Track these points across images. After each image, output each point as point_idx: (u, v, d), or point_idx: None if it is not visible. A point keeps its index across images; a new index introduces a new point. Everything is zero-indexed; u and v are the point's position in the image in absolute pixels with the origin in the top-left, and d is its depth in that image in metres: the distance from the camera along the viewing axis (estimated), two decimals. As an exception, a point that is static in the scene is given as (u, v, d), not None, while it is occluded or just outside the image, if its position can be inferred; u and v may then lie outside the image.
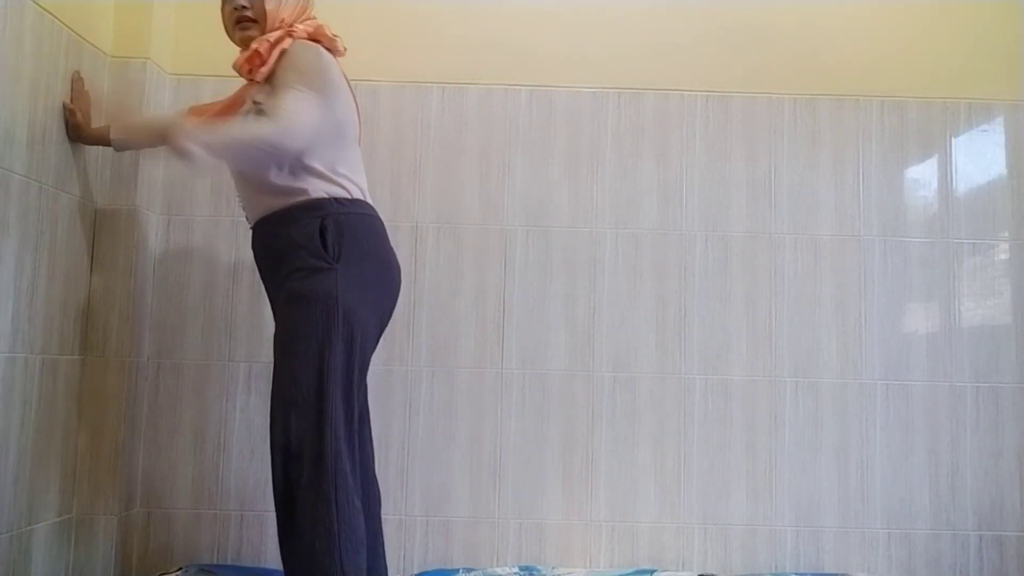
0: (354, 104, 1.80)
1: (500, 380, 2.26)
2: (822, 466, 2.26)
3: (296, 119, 1.62)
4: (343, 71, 1.79)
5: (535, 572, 2.14)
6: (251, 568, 2.17)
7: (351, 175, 1.74)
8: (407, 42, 1.90)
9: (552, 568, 2.17)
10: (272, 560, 2.19)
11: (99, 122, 2.04)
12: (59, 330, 1.97)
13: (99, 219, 2.11)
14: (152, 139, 1.90)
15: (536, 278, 2.29)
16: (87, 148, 2.06)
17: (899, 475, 2.26)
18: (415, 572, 2.18)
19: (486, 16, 2.35)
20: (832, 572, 2.22)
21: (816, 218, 2.32)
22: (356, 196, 1.73)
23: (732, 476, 2.25)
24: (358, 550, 1.59)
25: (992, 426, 2.27)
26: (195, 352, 2.24)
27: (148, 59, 2.17)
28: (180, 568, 2.11)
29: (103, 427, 2.06)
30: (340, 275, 1.62)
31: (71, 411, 2.03)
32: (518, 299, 2.28)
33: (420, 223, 2.27)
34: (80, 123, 1.96)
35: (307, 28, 1.75)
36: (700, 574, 2.19)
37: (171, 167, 2.26)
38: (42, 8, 1.87)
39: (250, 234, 1.82)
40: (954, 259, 2.32)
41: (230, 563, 2.19)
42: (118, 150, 2.03)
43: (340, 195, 1.70)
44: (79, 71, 1.99)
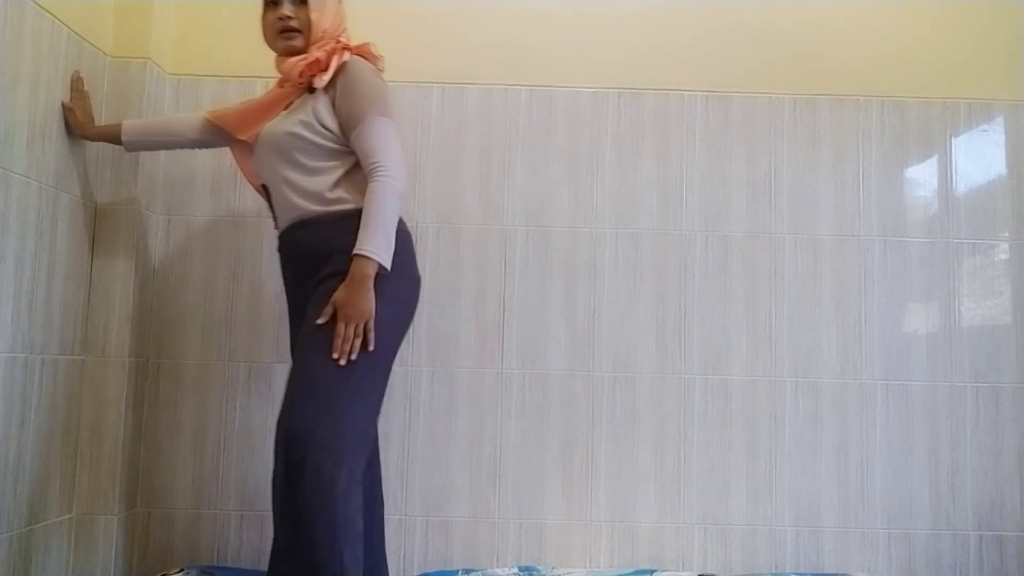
0: None
1: (500, 380, 2.26)
2: (822, 466, 2.26)
3: (397, 155, 1.72)
4: None
5: (535, 572, 2.14)
6: (251, 570, 2.17)
7: None
8: (407, 42, 1.90)
9: (552, 568, 2.17)
10: (272, 560, 2.20)
11: (100, 122, 2.04)
12: (59, 330, 1.97)
13: (99, 219, 2.11)
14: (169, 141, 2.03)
15: (536, 278, 2.29)
16: (87, 147, 2.06)
17: (899, 475, 2.26)
18: (416, 573, 2.18)
19: (486, 16, 2.35)
20: (832, 572, 2.22)
21: (816, 218, 2.32)
22: None
23: (732, 476, 2.25)
24: (356, 543, 1.61)
25: (992, 426, 2.27)
26: (195, 352, 2.24)
27: (148, 59, 2.17)
28: (182, 569, 2.10)
29: (103, 427, 2.06)
30: (376, 286, 1.66)
31: (71, 411, 2.03)
32: (518, 299, 2.28)
33: (420, 223, 2.26)
34: (81, 121, 1.97)
35: (358, 46, 1.80)
36: (700, 574, 2.20)
37: (170, 167, 2.28)
38: (42, 8, 1.87)
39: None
40: (954, 259, 2.32)
41: (230, 564, 2.19)
42: (129, 150, 2.04)
43: None
44: (78, 71, 1.99)
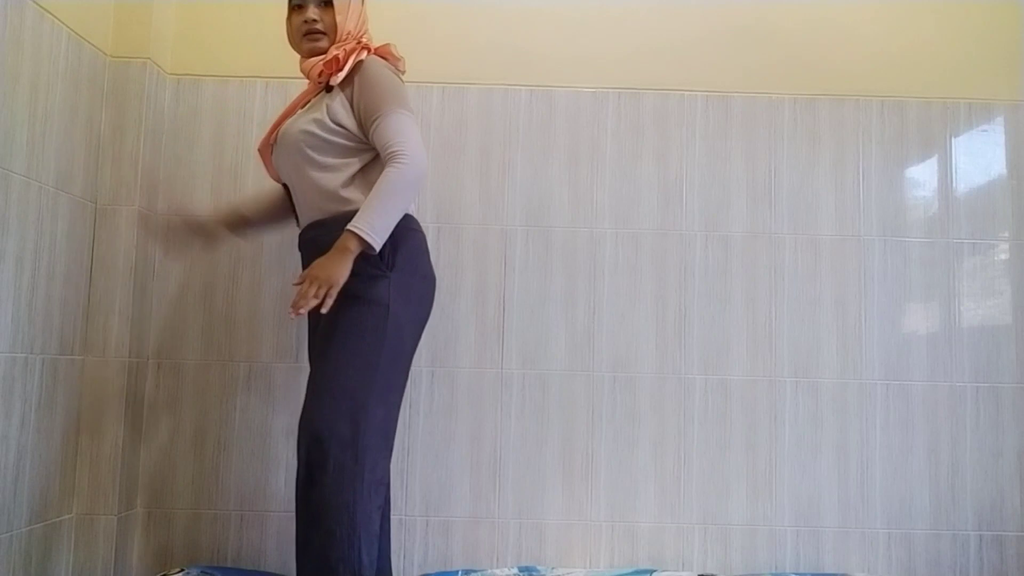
0: None
1: (500, 380, 2.26)
2: (822, 466, 2.26)
3: (416, 143, 1.70)
4: None
5: (535, 572, 2.14)
6: (252, 571, 2.17)
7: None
8: (407, 42, 1.90)
9: (552, 568, 2.17)
10: (272, 561, 2.19)
11: (100, 124, 2.04)
12: (59, 330, 1.97)
13: (99, 219, 2.12)
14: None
15: (536, 278, 2.29)
16: (87, 148, 2.06)
17: (899, 475, 2.26)
18: (416, 573, 2.18)
19: (486, 16, 2.35)
20: (832, 572, 2.22)
21: (816, 218, 2.32)
22: (410, 212, 1.77)
23: (732, 476, 2.25)
24: (372, 543, 1.63)
25: (992, 426, 2.27)
26: (195, 352, 2.24)
27: (148, 59, 2.17)
28: (182, 569, 2.10)
29: (103, 427, 2.06)
30: (393, 283, 1.68)
31: (71, 411, 2.03)
32: (518, 299, 2.28)
33: (420, 223, 2.25)
34: (213, 230, 2.03)
35: (378, 46, 1.82)
36: (700, 574, 2.19)
37: (170, 165, 2.28)
38: (42, 8, 1.87)
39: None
40: (954, 259, 2.32)
41: (230, 564, 2.19)
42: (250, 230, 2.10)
43: None
44: (147, 221, 1.95)
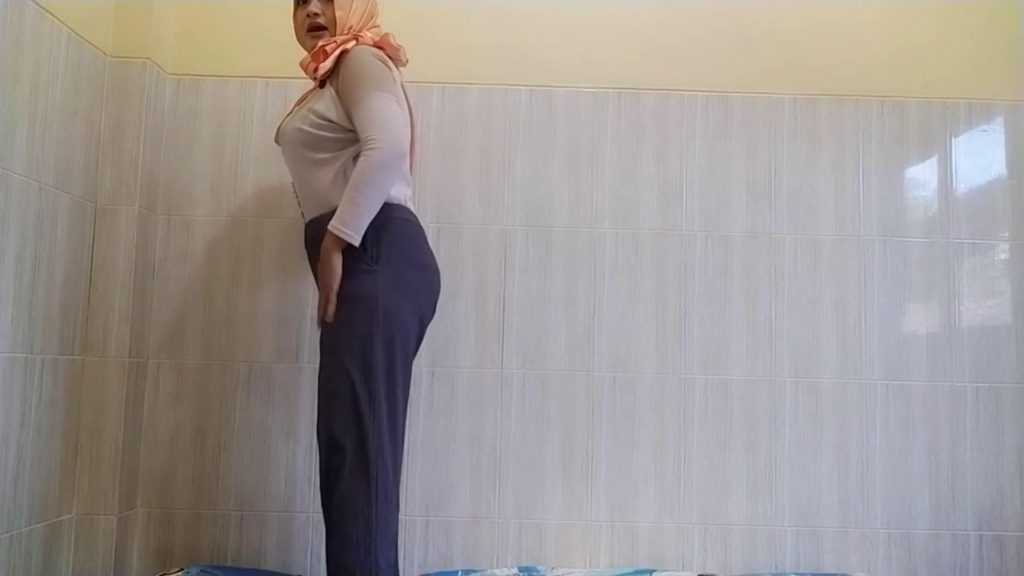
0: (409, 112, 1.84)
1: (500, 380, 2.26)
2: (822, 466, 2.26)
3: (388, 126, 1.65)
4: (402, 81, 1.85)
5: (535, 572, 2.13)
6: (251, 570, 2.17)
7: (396, 181, 1.74)
8: (407, 42, 1.90)
9: (552, 568, 2.17)
10: (272, 561, 2.19)
11: (100, 124, 2.03)
12: (59, 330, 1.97)
13: (99, 219, 2.11)
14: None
15: (536, 278, 2.29)
16: (87, 147, 2.06)
17: (899, 475, 2.26)
18: (416, 573, 2.18)
19: (486, 16, 2.35)
20: (832, 572, 2.21)
21: (816, 218, 2.32)
22: (396, 201, 1.75)
23: (732, 476, 2.25)
24: (391, 545, 1.63)
25: (992, 426, 2.27)
26: (195, 352, 2.24)
27: (148, 59, 2.17)
28: (181, 568, 2.10)
29: (103, 427, 2.06)
30: (380, 276, 1.67)
31: (71, 411, 2.03)
32: (518, 299, 2.28)
33: (420, 222, 2.26)
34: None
35: (373, 36, 1.82)
36: (700, 574, 2.19)
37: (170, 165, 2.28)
38: (42, 8, 1.87)
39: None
40: (954, 259, 2.32)
41: (230, 564, 2.19)
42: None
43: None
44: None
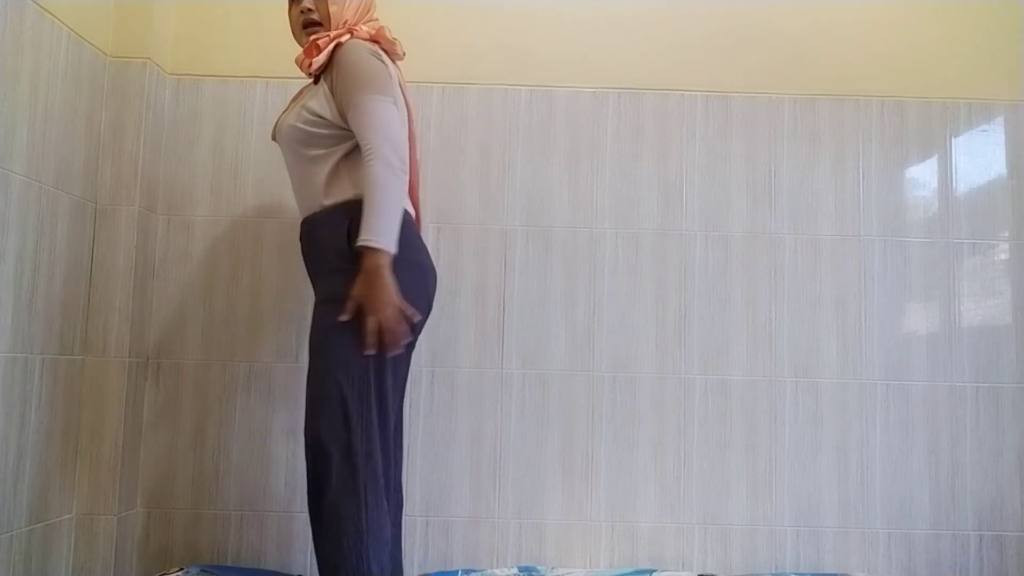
0: (406, 109, 1.80)
1: (500, 380, 2.26)
2: (822, 466, 2.26)
3: (385, 132, 1.62)
4: (400, 76, 1.82)
5: (535, 572, 2.13)
6: (251, 569, 2.17)
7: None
8: (407, 42, 1.89)
9: (552, 568, 2.17)
10: (272, 561, 2.19)
11: (100, 125, 2.03)
12: (59, 330, 1.97)
13: (99, 219, 2.11)
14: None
15: (536, 278, 2.29)
16: (87, 147, 2.06)
17: (899, 475, 2.26)
18: (416, 573, 2.18)
19: (486, 16, 2.35)
20: (832, 572, 2.21)
21: (816, 218, 2.32)
22: None
23: (732, 476, 2.25)
24: (383, 550, 1.61)
25: (992, 426, 2.27)
26: (195, 352, 2.24)
27: (148, 59, 2.17)
28: (181, 568, 2.10)
29: (103, 427, 2.06)
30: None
31: (71, 411, 2.03)
32: (518, 299, 2.28)
33: (420, 220, 2.26)
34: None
35: (369, 30, 1.79)
36: (700, 574, 2.19)
37: (170, 165, 2.28)
38: (42, 8, 1.87)
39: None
40: (954, 259, 2.32)
41: (230, 564, 2.19)
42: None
43: None
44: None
